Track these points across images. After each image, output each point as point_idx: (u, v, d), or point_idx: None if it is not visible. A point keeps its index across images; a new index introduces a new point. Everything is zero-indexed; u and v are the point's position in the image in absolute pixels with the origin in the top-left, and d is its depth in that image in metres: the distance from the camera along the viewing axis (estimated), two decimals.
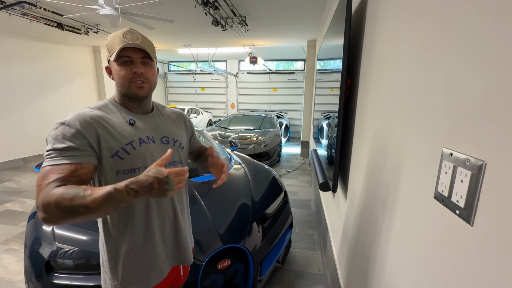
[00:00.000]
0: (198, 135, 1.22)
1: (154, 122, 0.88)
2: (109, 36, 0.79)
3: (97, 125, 0.73)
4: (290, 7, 3.53)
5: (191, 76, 10.18)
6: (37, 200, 0.61)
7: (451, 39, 0.48)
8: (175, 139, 0.91)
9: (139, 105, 0.85)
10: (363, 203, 1.03)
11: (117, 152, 0.75)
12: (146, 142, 0.81)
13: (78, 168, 0.68)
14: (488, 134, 0.38)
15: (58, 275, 1.25)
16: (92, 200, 0.59)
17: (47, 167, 0.66)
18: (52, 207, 0.59)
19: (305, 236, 2.54)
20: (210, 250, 1.30)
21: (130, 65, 0.78)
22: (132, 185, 0.62)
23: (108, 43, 0.78)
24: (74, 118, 0.71)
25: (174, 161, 0.89)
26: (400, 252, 0.67)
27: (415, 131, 0.61)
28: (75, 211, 0.59)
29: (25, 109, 5.19)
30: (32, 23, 4.00)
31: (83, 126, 0.70)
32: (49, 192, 0.61)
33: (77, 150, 0.69)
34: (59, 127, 0.69)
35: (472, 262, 0.40)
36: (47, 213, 0.59)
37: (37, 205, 0.61)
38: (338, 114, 1.21)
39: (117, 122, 0.78)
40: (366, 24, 1.15)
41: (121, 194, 0.61)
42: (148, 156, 0.81)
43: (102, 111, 0.78)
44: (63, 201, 0.58)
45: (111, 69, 0.80)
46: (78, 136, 0.69)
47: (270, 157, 4.99)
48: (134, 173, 0.78)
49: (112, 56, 0.76)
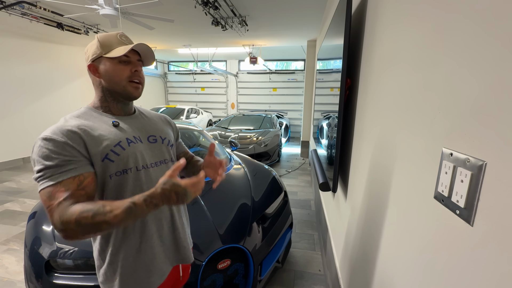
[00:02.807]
0: (198, 135, 1.21)
1: (138, 122, 0.86)
2: (102, 35, 0.78)
3: (81, 132, 0.71)
4: (290, 7, 3.53)
5: (191, 76, 10.18)
6: (53, 221, 0.63)
7: (451, 39, 0.48)
8: (162, 137, 0.89)
9: (123, 106, 0.84)
10: (363, 203, 1.03)
11: (107, 155, 0.73)
12: (134, 142, 0.80)
13: (81, 179, 0.68)
14: (488, 134, 0.38)
15: (58, 275, 1.25)
16: (113, 216, 0.62)
17: (48, 188, 0.64)
18: (72, 225, 0.61)
19: (305, 236, 2.54)
20: (210, 250, 1.30)
21: (128, 65, 0.78)
22: (152, 200, 0.65)
23: (102, 40, 0.77)
24: (56, 131, 0.68)
25: (165, 159, 0.88)
26: (400, 252, 0.67)
27: (415, 131, 0.61)
28: (98, 227, 0.62)
29: (25, 109, 5.19)
30: (32, 23, 4.00)
31: (68, 137, 0.68)
32: (66, 211, 0.62)
33: (71, 162, 0.67)
34: (42, 143, 0.66)
35: (472, 262, 0.40)
36: (67, 231, 0.62)
37: (54, 225, 0.63)
38: (338, 114, 1.21)
39: (100, 126, 0.76)
40: (366, 24, 1.15)
41: (141, 208, 0.65)
42: (139, 156, 0.79)
43: (82, 118, 0.76)
44: (83, 220, 0.61)
45: (101, 67, 0.77)
46: (66, 148, 0.67)
47: (270, 157, 4.99)
48: (126, 174, 0.76)
49: (113, 53, 0.75)
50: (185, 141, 2.33)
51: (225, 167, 0.91)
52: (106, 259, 0.79)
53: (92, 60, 0.77)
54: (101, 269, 0.81)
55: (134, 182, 0.78)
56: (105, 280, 0.81)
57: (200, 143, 2.47)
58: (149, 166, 0.82)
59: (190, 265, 1.07)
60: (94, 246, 0.82)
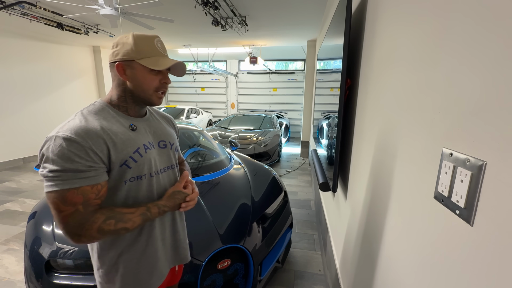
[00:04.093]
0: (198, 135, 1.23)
1: (150, 125, 0.86)
2: (138, 36, 0.74)
3: (105, 137, 0.69)
4: (290, 7, 3.53)
5: (191, 76, 10.17)
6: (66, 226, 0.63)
7: (451, 39, 0.48)
8: (171, 143, 0.89)
9: (140, 109, 0.83)
10: (363, 203, 1.03)
11: (126, 161, 0.73)
12: (149, 148, 0.80)
13: (99, 189, 0.68)
14: (488, 134, 0.38)
15: (58, 275, 1.25)
16: (132, 223, 0.70)
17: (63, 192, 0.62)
18: (94, 232, 0.65)
19: (305, 236, 2.54)
20: (210, 250, 1.30)
21: (158, 75, 0.77)
22: (165, 208, 0.78)
23: (138, 43, 0.73)
24: (79, 132, 0.65)
25: (171, 165, 0.89)
26: (400, 252, 0.67)
27: (415, 131, 0.61)
28: (117, 233, 0.69)
29: (25, 109, 5.19)
30: (32, 23, 4.00)
31: (93, 142, 0.66)
32: (88, 219, 0.65)
33: (92, 169, 0.66)
34: (63, 143, 0.62)
35: (472, 262, 0.40)
36: (85, 237, 0.65)
37: (66, 230, 0.64)
38: (338, 114, 1.21)
39: (119, 129, 0.74)
40: (366, 24, 1.15)
41: (154, 215, 0.76)
42: (153, 162, 0.80)
43: (100, 117, 0.73)
44: (106, 227, 0.66)
45: (130, 70, 0.74)
46: (90, 153, 0.65)
47: (270, 157, 4.99)
48: (140, 180, 0.77)
49: (150, 62, 0.73)
50: (185, 141, 2.33)
51: (193, 201, 0.88)
52: (109, 261, 0.78)
53: (122, 60, 0.73)
54: (100, 270, 0.79)
55: (147, 187, 0.79)
56: (105, 281, 0.80)
57: (200, 143, 2.47)
58: (159, 172, 0.83)
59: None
60: (93, 248, 0.79)
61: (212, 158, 2.24)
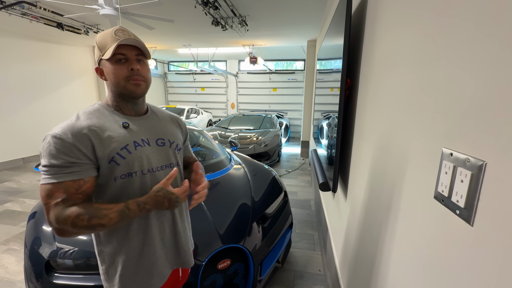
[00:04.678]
0: (198, 135, 1.21)
1: (148, 123, 0.85)
2: (99, 35, 0.76)
3: (90, 134, 0.70)
4: (290, 7, 3.53)
5: (191, 76, 10.17)
6: (49, 218, 0.67)
7: (451, 39, 0.48)
8: (171, 141, 0.88)
9: (134, 106, 0.82)
10: (363, 203, 1.03)
11: (113, 157, 0.73)
12: (141, 145, 0.79)
13: (81, 184, 0.69)
14: (488, 134, 0.38)
15: (58, 275, 1.25)
16: (108, 219, 0.68)
17: (49, 185, 0.66)
18: (68, 226, 0.65)
19: (305, 236, 2.54)
20: (210, 250, 1.30)
21: (125, 63, 0.75)
22: (145, 205, 0.72)
23: (99, 41, 0.75)
24: (66, 130, 0.68)
25: (170, 163, 0.87)
26: (400, 252, 0.67)
27: (415, 131, 0.61)
28: (92, 228, 0.68)
29: (25, 109, 5.19)
30: (32, 23, 4.00)
31: (77, 139, 0.68)
32: (62, 213, 0.66)
33: (75, 165, 0.68)
34: (51, 140, 0.66)
35: (472, 262, 0.40)
36: (62, 230, 0.67)
37: (49, 222, 0.67)
38: (338, 114, 1.21)
39: (110, 127, 0.75)
40: (366, 24, 1.15)
41: (134, 212, 0.71)
42: (145, 159, 0.79)
43: (93, 116, 0.75)
44: (79, 222, 0.66)
45: (103, 69, 0.76)
46: (73, 150, 0.67)
47: (270, 157, 4.99)
48: (131, 177, 0.76)
49: (106, 54, 0.73)
50: None
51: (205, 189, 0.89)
52: (108, 259, 0.80)
53: (97, 63, 0.77)
54: (101, 267, 0.82)
55: (140, 185, 0.79)
56: (107, 278, 0.82)
57: (200, 143, 2.47)
58: (155, 170, 0.82)
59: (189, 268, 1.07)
60: (93, 242, 0.82)
61: (212, 158, 2.24)
